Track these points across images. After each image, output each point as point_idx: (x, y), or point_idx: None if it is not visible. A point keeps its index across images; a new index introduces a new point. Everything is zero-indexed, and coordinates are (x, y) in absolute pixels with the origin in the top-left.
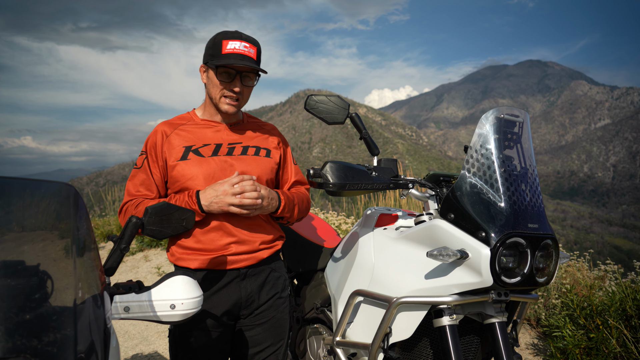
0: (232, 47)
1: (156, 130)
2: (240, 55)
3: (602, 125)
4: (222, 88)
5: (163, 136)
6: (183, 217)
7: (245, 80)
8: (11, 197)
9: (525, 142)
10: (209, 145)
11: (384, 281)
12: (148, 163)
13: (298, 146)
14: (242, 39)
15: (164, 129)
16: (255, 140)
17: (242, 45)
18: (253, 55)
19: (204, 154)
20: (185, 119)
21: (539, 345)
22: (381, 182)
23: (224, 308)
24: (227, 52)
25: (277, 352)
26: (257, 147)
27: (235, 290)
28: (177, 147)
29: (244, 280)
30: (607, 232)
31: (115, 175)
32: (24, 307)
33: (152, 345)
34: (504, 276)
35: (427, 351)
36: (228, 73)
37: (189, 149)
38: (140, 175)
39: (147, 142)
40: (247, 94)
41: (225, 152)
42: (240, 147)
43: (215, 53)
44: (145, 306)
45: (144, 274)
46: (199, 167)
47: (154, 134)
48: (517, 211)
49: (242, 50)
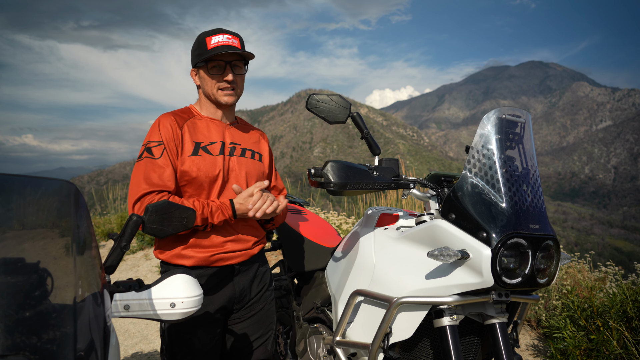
0: (216, 41)
1: (166, 121)
2: (226, 47)
3: (604, 126)
4: (216, 82)
5: (177, 129)
6: (184, 215)
7: (236, 69)
8: (11, 195)
9: (527, 142)
10: (216, 144)
11: (385, 281)
12: (168, 154)
13: (299, 146)
14: (224, 32)
15: (174, 121)
16: (250, 143)
17: (225, 38)
18: (237, 45)
19: (212, 152)
20: (189, 114)
21: (539, 346)
22: (382, 182)
23: (219, 304)
24: (212, 46)
25: (266, 342)
26: (252, 151)
27: (229, 285)
28: (188, 141)
29: (237, 276)
30: (608, 234)
31: (117, 174)
32: (23, 305)
33: (152, 344)
34: (505, 277)
35: (427, 351)
36: (218, 66)
37: (198, 145)
38: (160, 166)
39: (161, 132)
40: (240, 82)
41: (229, 152)
42: (239, 149)
43: (202, 52)
44: (145, 304)
45: (144, 273)
46: (208, 164)
47: (167, 126)
48: (518, 212)
49: (226, 41)
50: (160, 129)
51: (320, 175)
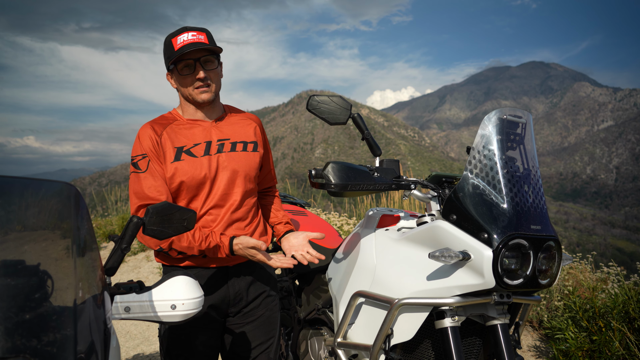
0: (181, 40)
1: (145, 132)
2: (191, 44)
3: (605, 127)
4: (189, 82)
5: (156, 137)
6: (184, 217)
7: (207, 65)
8: (12, 197)
9: (528, 143)
10: (200, 145)
11: (386, 282)
12: (153, 165)
13: (300, 147)
14: (188, 29)
15: (153, 129)
16: (241, 135)
17: (189, 36)
18: (204, 40)
19: (196, 154)
20: (170, 119)
21: (541, 347)
22: (383, 183)
23: (209, 302)
24: (178, 46)
25: (267, 350)
26: (244, 142)
27: (222, 287)
28: (169, 148)
29: (232, 279)
30: (610, 234)
31: (118, 176)
32: (23, 307)
33: (154, 346)
34: (507, 278)
35: (428, 353)
36: (188, 65)
37: (181, 149)
38: (149, 179)
39: (142, 144)
40: (214, 77)
41: (216, 150)
42: (229, 144)
43: (170, 54)
44: (145, 306)
45: (145, 274)
46: (193, 167)
47: (147, 137)
48: (519, 212)
49: (191, 39)
50: (141, 142)
51: (321, 177)
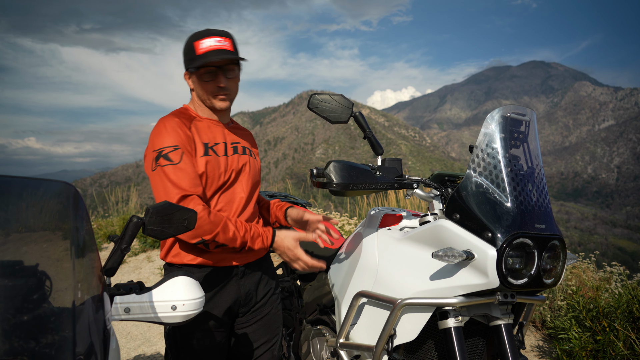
0: (206, 45)
1: (173, 123)
2: (216, 51)
3: (606, 126)
4: (209, 88)
5: (186, 130)
6: (185, 217)
7: (228, 74)
8: (10, 196)
9: (532, 141)
10: (219, 144)
11: (388, 282)
12: (189, 158)
13: (301, 147)
14: (213, 34)
15: (181, 122)
16: (245, 141)
17: (214, 41)
18: (229, 47)
19: (218, 152)
20: (191, 114)
21: (544, 347)
22: (385, 182)
23: (225, 306)
24: (201, 51)
25: (272, 347)
26: (250, 149)
27: (235, 288)
28: (199, 142)
29: (243, 278)
30: (611, 234)
31: (119, 176)
32: (21, 308)
33: (155, 347)
34: (511, 277)
35: (432, 353)
36: (209, 72)
37: (207, 145)
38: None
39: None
40: (234, 86)
41: (232, 152)
42: (240, 147)
43: (192, 57)
44: (146, 307)
45: (146, 275)
46: (217, 165)
47: (177, 128)
48: (523, 211)
49: (216, 45)
50: (171, 133)
51: (322, 176)
